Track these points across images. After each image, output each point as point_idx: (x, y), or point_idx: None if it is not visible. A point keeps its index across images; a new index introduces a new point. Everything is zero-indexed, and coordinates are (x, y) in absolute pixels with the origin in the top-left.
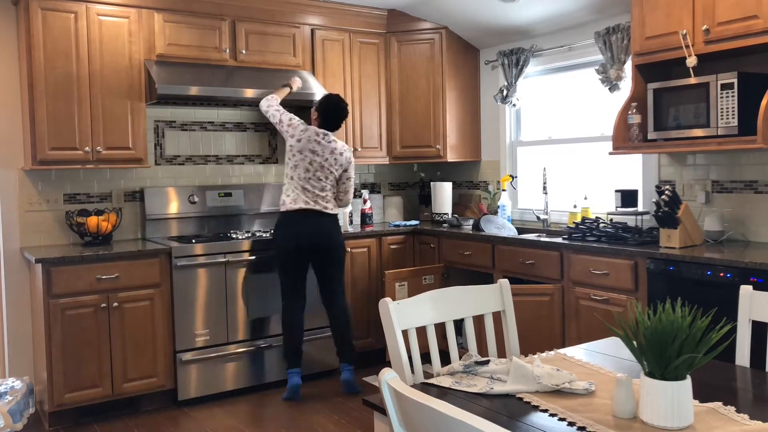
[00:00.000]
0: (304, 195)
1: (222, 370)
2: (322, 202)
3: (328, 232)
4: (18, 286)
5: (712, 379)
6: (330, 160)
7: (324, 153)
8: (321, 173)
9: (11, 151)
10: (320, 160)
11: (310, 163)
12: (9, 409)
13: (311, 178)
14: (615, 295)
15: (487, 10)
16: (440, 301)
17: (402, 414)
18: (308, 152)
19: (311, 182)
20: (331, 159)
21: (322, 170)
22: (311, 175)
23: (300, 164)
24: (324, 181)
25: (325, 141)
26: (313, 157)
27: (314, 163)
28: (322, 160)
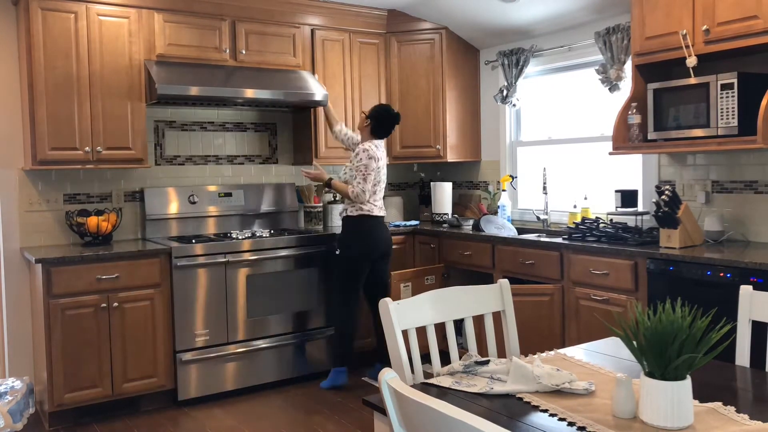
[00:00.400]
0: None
1: (222, 370)
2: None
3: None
4: (18, 286)
5: (712, 379)
6: (384, 168)
7: (383, 159)
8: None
9: (11, 151)
10: (383, 169)
11: (383, 173)
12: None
13: (383, 187)
14: (615, 295)
15: (487, 10)
16: (440, 301)
17: (402, 414)
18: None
19: (382, 192)
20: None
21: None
22: (383, 183)
23: (381, 177)
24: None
25: (383, 150)
26: (383, 165)
27: (383, 173)
28: (383, 169)
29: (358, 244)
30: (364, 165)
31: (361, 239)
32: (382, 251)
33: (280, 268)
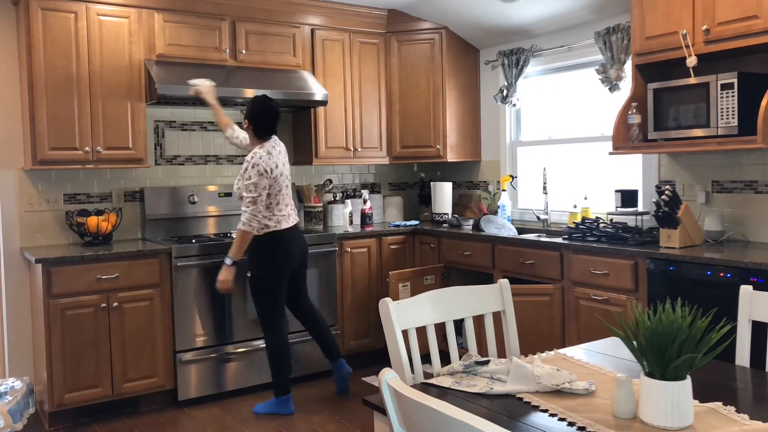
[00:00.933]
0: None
1: (222, 370)
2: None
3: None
4: (18, 286)
5: (712, 379)
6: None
7: (282, 162)
8: (288, 179)
9: (11, 151)
10: (287, 169)
11: (286, 178)
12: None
13: (289, 191)
14: (615, 295)
15: (487, 10)
16: (440, 301)
17: (402, 414)
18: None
19: (289, 196)
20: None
21: (289, 177)
22: (288, 189)
23: (281, 185)
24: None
25: (278, 151)
26: (285, 170)
27: (287, 178)
28: (287, 168)
29: (268, 263)
30: (254, 184)
31: (271, 258)
32: (297, 266)
33: None
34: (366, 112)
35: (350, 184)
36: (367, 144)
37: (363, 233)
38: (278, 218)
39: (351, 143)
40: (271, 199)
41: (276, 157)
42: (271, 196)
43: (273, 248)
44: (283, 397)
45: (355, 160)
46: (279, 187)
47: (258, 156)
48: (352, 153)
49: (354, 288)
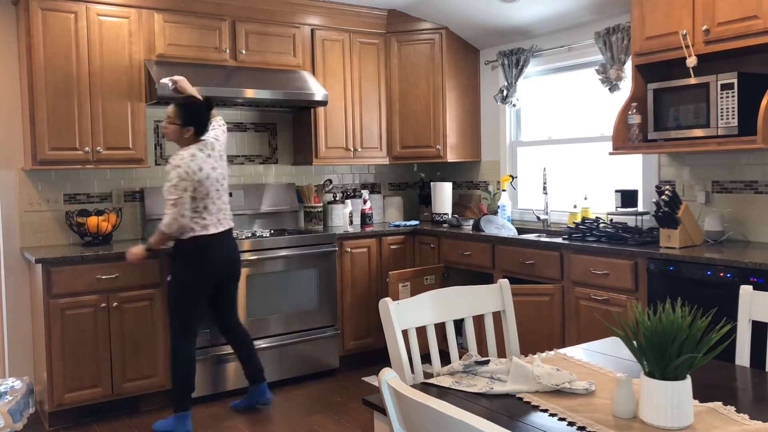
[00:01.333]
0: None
1: (222, 370)
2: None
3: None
4: (18, 286)
5: (712, 379)
6: (225, 164)
7: (219, 162)
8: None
9: (11, 151)
10: (218, 173)
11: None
12: (9, 409)
13: (222, 195)
14: (615, 295)
15: (487, 10)
16: (440, 301)
17: (402, 414)
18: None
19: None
20: (225, 162)
21: (224, 181)
22: (219, 194)
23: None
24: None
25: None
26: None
27: (218, 181)
28: (220, 171)
29: (191, 270)
30: (173, 186)
31: (194, 265)
32: (223, 275)
33: (280, 268)
34: (366, 112)
35: (350, 184)
36: (367, 144)
37: (363, 233)
38: (205, 223)
39: (351, 143)
40: (197, 203)
41: (202, 160)
42: (197, 200)
43: (196, 253)
44: (182, 414)
45: (355, 160)
46: (206, 191)
47: (180, 158)
48: (352, 153)
49: (354, 288)
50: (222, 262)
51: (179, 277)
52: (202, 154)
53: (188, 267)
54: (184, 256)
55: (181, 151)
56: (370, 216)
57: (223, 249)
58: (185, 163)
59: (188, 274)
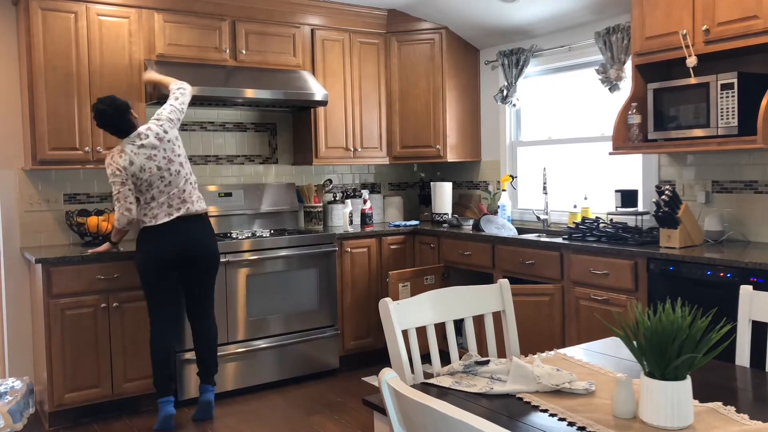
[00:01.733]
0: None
1: (222, 370)
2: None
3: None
4: (18, 286)
5: (712, 379)
6: (167, 150)
7: (158, 150)
8: (169, 170)
9: (11, 151)
10: (159, 161)
11: (158, 170)
12: (9, 409)
13: (170, 184)
14: (615, 295)
15: (487, 10)
16: (440, 301)
17: (402, 414)
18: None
19: (169, 188)
20: (168, 147)
21: (170, 166)
22: (166, 181)
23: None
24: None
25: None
26: (152, 163)
27: (161, 169)
28: (161, 158)
29: (142, 257)
30: (111, 183)
31: (142, 251)
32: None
33: (280, 268)
34: (366, 112)
35: (350, 184)
36: (367, 144)
37: (363, 233)
38: (154, 213)
39: (351, 143)
40: (144, 195)
41: (132, 155)
42: (143, 193)
43: (143, 242)
44: (161, 400)
45: (355, 160)
46: (148, 183)
47: (110, 156)
48: (352, 153)
49: (354, 288)
50: (173, 249)
51: (137, 267)
52: (131, 147)
53: (139, 256)
54: (137, 247)
55: (111, 153)
56: (370, 216)
57: (174, 235)
58: (115, 162)
59: (140, 263)
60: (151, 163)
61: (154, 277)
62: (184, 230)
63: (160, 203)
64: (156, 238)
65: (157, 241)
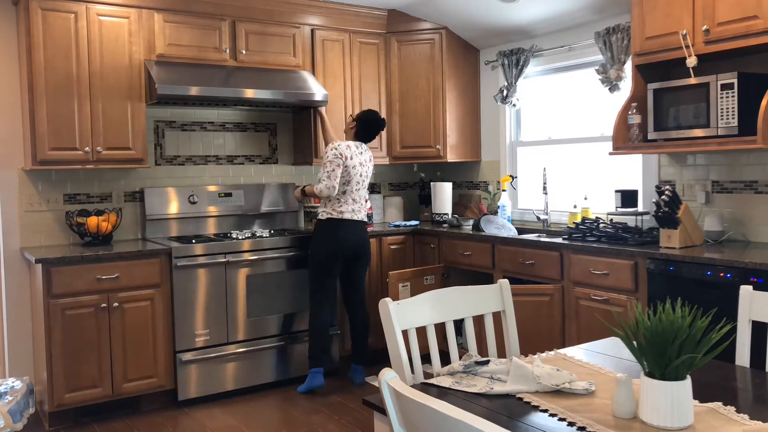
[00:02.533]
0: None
1: (222, 370)
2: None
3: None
4: (18, 286)
5: (712, 379)
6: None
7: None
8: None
9: (11, 151)
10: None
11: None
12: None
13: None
14: (615, 295)
15: (487, 10)
16: (440, 301)
17: (402, 414)
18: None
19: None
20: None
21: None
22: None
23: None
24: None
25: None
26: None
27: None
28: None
29: (323, 246)
30: (329, 161)
31: (326, 242)
32: (351, 253)
33: (280, 268)
34: None
35: None
36: (367, 144)
37: None
38: (342, 209)
39: None
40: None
41: (353, 153)
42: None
43: (328, 233)
44: (314, 370)
45: None
46: (349, 178)
47: (336, 143)
48: None
49: None
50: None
51: (314, 253)
52: (359, 148)
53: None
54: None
55: (337, 141)
56: (370, 216)
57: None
58: (341, 148)
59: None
60: (358, 165)
61: (332, 265)
62: (357, 229)
63: (350, 199)
64: (340, 231)
65: (341, 234)
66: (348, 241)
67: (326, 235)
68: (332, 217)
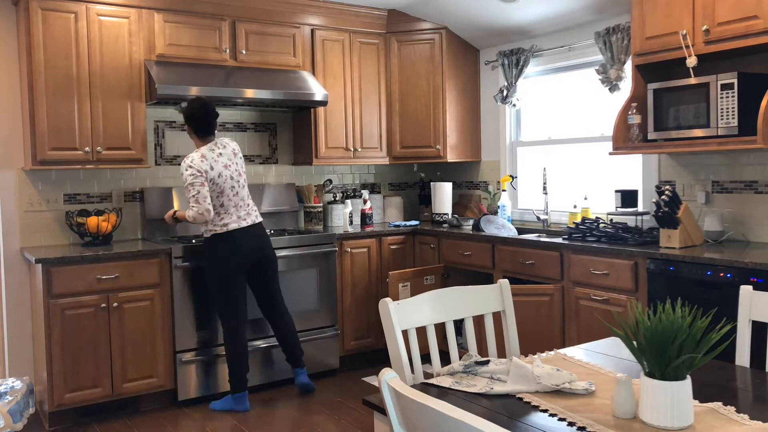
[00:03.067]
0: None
1: (222, 370)
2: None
3: (263, 243)
4: (18, 286)
5: (712, 379)
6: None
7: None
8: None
9: (11, 151)
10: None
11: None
12: (9, 409)
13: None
14: (615, 295)
15: (487, 10)
16: (440, 301)
17: (402, 414)
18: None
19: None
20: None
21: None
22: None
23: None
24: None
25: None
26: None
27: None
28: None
29: (214, 265)
30: (189, 184)
31: (216, 261)
32: (250, 263)
33: (280, 269)
34: (366, 112)
35: (350, 184)
36: (367, 144)
37: (363, 233)
38: (224, 223)
39: (351, 143)
40: (214, 201)
41: (210, 161)
42: (214, 199)
43: (217, 250)
44: (238, 395)
45: (355, 161)
46: (221, 188)
47: (189, 159)
48: (352, 153)
49: (354, 288)
50: (244, 253)
51: (207, 272)
52: (215, 149)
53: (212, 262)
54: (208, 253)
55: (190, 156)
56: (370, 216)
57: (244, 241)
58: (195, 164)
59: (213, 268)
60: (224, 168)
61: (231, 282)
62: (248, 237)
63: (232, 206)
64: (230, 245)
65: (232, 248)
66: (241, 252)
67: (214, 253)
68: (216, 233)
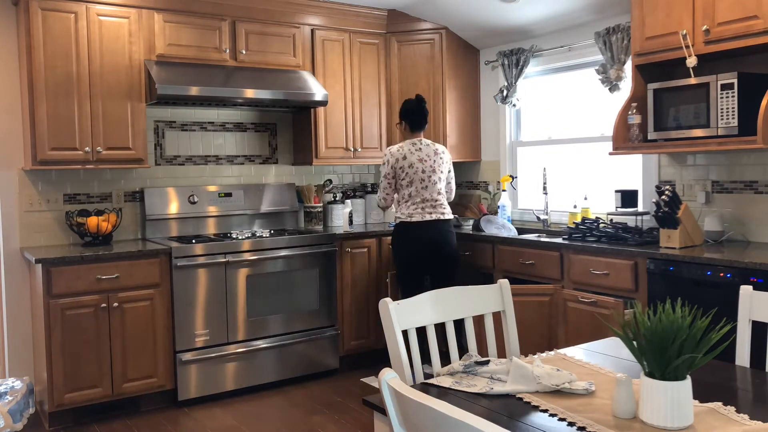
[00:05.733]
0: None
1: (222, 370)
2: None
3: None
4: (18, 286)
5: (712, 379)
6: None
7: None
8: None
9: (11, 151)
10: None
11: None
12: (9, 409)
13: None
14: (614, 294)
15: (487, 10)
16: (440, 301)
17: (402, 414)
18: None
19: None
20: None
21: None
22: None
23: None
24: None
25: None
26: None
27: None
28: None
29: (397, 250)
30: (383, 174)
31: (398, 246)
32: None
33: (280, 268)
34: (366, 112)
35: (350, 184)
36: (367, 144)
37: (363, 233)
38: (408, 213)
39: (351, 143)
40: (403, 191)
41: (405, 152)
42: (403, 188)
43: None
44: None
45: (355, 161)
46: (410, 178)
47: (386, 149)
48: (352, 153)
49: (354, 288)
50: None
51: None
52: (416, 144)
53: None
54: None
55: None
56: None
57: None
58: (389, 153)
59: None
60: (417, 162)
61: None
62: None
63: (418, 199)
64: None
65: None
66: (418, 243)
67: (395, 239)
68: (401, 221)
